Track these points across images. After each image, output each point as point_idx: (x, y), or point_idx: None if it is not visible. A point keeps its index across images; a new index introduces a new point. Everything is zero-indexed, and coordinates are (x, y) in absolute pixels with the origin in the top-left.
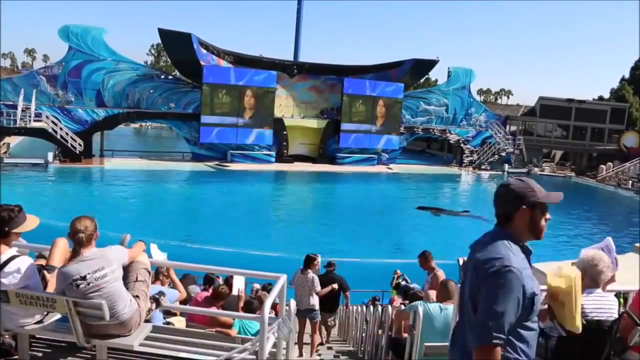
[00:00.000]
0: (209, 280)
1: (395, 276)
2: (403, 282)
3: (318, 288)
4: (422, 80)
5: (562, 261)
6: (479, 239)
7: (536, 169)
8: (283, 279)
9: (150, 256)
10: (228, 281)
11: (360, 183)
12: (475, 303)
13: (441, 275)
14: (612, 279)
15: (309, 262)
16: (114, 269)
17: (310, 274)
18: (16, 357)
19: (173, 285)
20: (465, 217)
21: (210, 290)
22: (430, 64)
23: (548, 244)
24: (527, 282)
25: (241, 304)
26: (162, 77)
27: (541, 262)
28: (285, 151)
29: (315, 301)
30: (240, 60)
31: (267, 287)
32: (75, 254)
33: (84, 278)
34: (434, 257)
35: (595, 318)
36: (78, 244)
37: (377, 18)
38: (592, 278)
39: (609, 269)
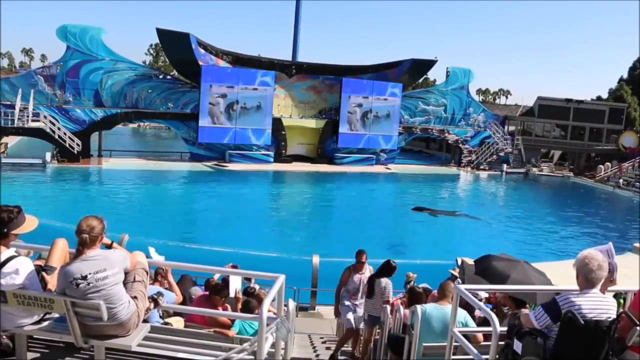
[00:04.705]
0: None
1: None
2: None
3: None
4: (420, 80)
5: (561, 261)
6: None
7: (535, 169)
8: (281, 279)
9: (149, 258)
10: (225, 281)
11: (358, 183)
12: None
13: None
14: (613, 282)
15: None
16: (116, 272)
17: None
18: (14, 357)
19: (169, 288)
20: (461, 217)
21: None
22: (429, 64)
23: (547, 245)
24: None
25: (239, 305)
26: (161, 77)
27: (541, 263)
28: (283, 151)
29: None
30: (239, 60)
31: (249, 291)
32: (78, 253)
33: (84, 277)
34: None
35: (594, 318)
36: (81, 244)
37: (376, 18)
38: (585, 277)
39: (601, 269)
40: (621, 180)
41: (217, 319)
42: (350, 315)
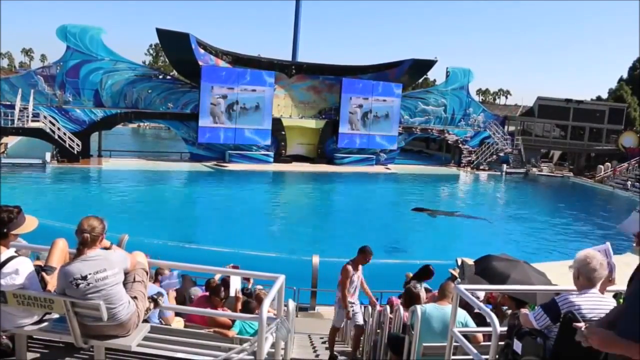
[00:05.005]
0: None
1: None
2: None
3: None
4: (420, 81)
5: (561, 261)
6: None
7: (534, 169)
8: (281, 279)
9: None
10: (225, 281)
11: (358, 183)
12: None
13: None
14: (612, 282)
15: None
16: (116, 273)
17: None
18: (14, 357)
19: None
20: (461, 217)
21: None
22: (429, 64)
23: (547, 245)
24: None
25: (239, 305)
26: (160, 77)
27: (541, 263)
28: (283, 151)
29: None
30: (239, 60)
31: (245, 292)
32: (79, 253)
33: (84, 278)
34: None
35: (594, 318)
36: (82, 244)
37: (376, 18)
38: (587, 277)
39: (603, 267)
40: (629, 183)
41: (217, 320)
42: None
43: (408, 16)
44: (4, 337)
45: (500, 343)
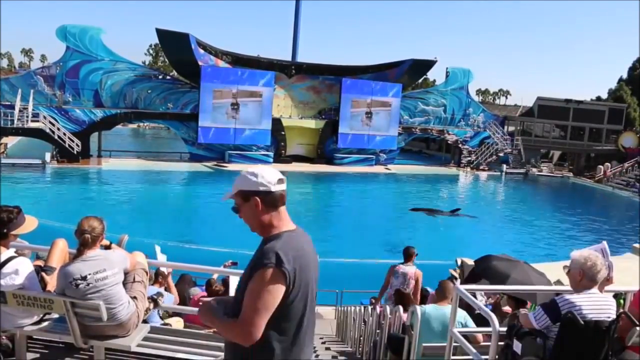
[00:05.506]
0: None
1: None
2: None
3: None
4: (420, 81)
5: (558, 262)
6: None
7: (534, 170)
8: None
9: (154, 257)
10: (225, 281)
11: (358, 183)
12: None
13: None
14: (610, 281)
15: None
16: (115, 273)
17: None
18: (14, 358)
19: (168, 290)
20: (461, 217)
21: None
22: (429, 64)
23: (547, 246)
24: None
25: None
26: (160, 77)
27: (541, 263)
28: (283, 151)
29: None
30: (238, 61)
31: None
32: (79, 253)
33: (84, 278)
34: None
35: (594, 318)
36: (82, 245)
37: (376, 18)
38: (590, 278)
39: (604, 266)
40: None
41: None
42: None
43: (408, 16)
44: (4, 337)
45: (500, 343)
